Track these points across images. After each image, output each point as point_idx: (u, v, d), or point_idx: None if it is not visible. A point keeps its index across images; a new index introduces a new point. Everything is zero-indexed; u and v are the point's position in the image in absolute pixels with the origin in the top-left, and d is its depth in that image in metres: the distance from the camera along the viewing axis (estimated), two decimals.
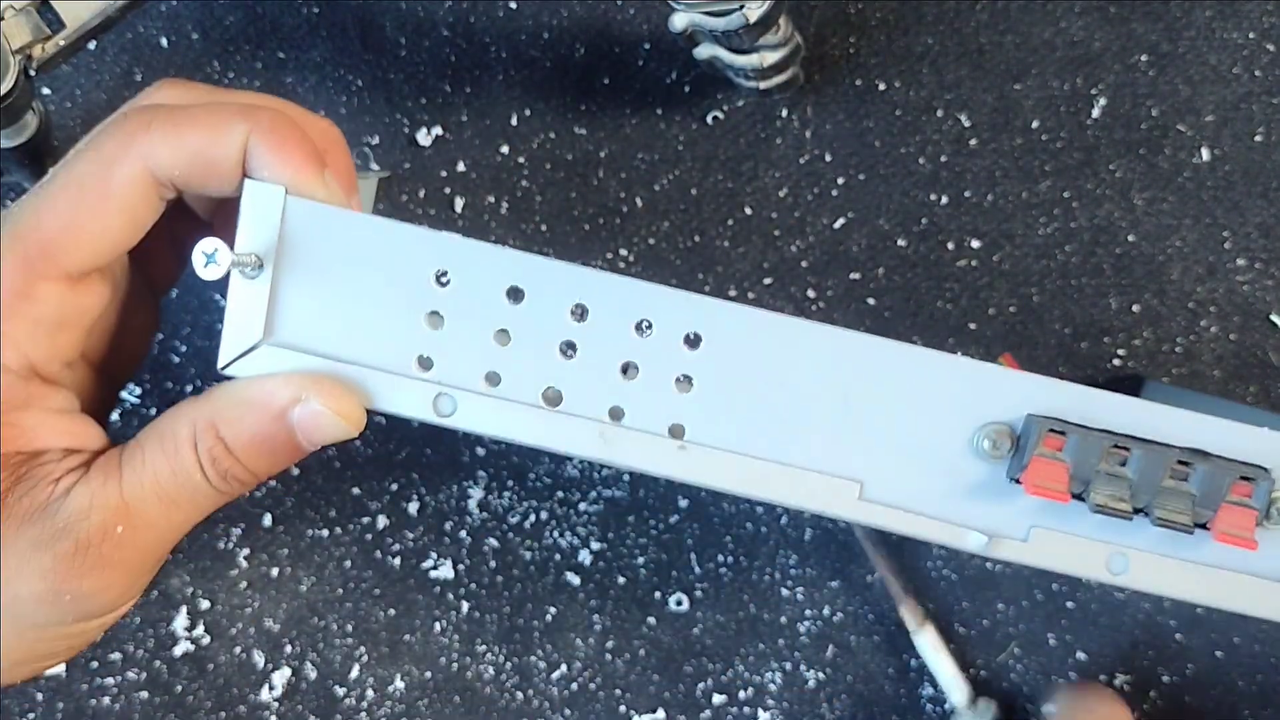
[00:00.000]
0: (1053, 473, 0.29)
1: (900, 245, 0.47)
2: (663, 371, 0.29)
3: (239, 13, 0.47)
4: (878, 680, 0.48)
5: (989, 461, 0.30)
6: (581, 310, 0.29)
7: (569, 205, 0.48)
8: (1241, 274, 0.47)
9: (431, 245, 0.29)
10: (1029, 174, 0.47)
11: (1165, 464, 0.29)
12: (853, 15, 0.46)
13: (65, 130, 0.47)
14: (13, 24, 0.37)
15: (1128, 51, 0.46)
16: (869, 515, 0.30)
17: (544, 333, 0.29)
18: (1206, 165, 0.46)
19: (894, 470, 0.30)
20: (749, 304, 0.30)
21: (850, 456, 0.30)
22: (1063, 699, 0.46)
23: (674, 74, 0.47)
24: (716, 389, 0.30)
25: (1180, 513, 0.29)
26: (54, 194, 0.28)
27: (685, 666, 0.49)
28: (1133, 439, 0.29)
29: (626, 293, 0.29)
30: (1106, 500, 0.29)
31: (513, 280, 0.29)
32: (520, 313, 0.29)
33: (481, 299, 0.29)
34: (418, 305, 0.29)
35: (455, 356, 0.30)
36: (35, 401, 0.29)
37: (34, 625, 0.29)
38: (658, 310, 0.29)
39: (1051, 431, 0.29)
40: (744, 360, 0.29)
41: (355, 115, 0.47)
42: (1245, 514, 0.29)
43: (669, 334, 0.29)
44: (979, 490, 0.30)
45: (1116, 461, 0.29)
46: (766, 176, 0.47)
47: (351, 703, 0.49)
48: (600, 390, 0.30)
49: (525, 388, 0.30)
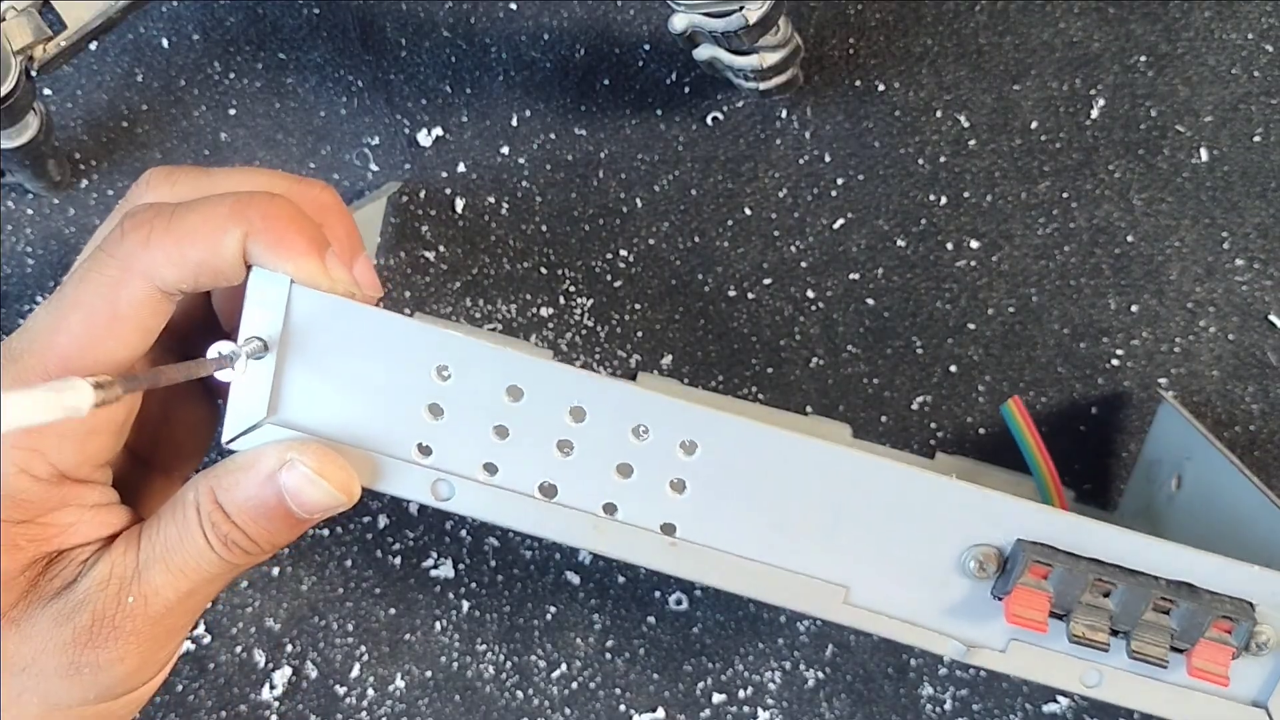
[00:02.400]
0: (1034, 603, 0.29)
1: (899, 245, 0.47)
2: (657, 474, 0.30)
3: (240, 14, 0.47)
4: (877, 680, 0.48)
5: (974, 580, 0.30)
6: (579, 412, 0.30)
7: (569, 206, 0.48)
8: (1240, 274, 0.47)
9: (433, 341, 0.29)
10: (1028, 174, 0.47)
11: (1149, 599, 0.29)
12: (852, 16, 0.46)
13: (66, 131, 0.47)
14: (14, 25, 0.37)
15: (1126, 52, 0.46)
16: (853, 619, 0.31)
17: (542, 431, 0.30)
18: (1205, 166, 0.46)
19: (880, 579, 0.31)
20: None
21: (838, 563, 0.30)
22: None
23: (674, 75, 0.47)
24: (709, 493, 0.30)
25: (1157, 645, 0.30)
26: (65, 314, 0.29)
27: (685, 665, 0.49)
28: (1119, 571, 0.29)
29: (625, 399, 0.29)
30: (1084, 632, 0.29)
31: (512, 380, 0.29)
32: (519, 410, 0.30)
33: (481, 396, 0.30)
34: (419, 397, 0.30)
35: (454, 446, 0.30)
36: (69, 500, 0.30)
37: (59, 705, 0.29)
38: (655, 418, 0.29)
39: (1037, 561, 0.29)
40: (738, 468, 0.30)
41: (356, 116, 0.48)
42: (1222, 651, 0.30)
43: (665, 440, 0.30)
44: (962, 605, 0.31)
45: (1100, 592, 0.30)
46: (766, 177, 0.47)
47: (352, 702, 0.49)
48: (595, 486, 0.30)
49: (522, 479, 0.30)
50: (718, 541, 0.30)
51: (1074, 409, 0.48)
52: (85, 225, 0.48)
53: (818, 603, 0.31)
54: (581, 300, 0.48)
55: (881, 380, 0.48)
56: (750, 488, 0.30)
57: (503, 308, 0.48)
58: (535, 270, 0.48)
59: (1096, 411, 0.48)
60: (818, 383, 0.48)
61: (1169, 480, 0.43)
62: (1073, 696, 0.48)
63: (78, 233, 0.48)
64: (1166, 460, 0.44)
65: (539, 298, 0.48)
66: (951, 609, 0.31)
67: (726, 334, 0.48)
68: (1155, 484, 0.44)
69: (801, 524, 0.30)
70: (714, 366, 0.48)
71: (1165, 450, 0.44)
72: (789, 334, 0.48)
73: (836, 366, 0.48)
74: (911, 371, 0.48)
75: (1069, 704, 0.48)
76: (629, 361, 0.48)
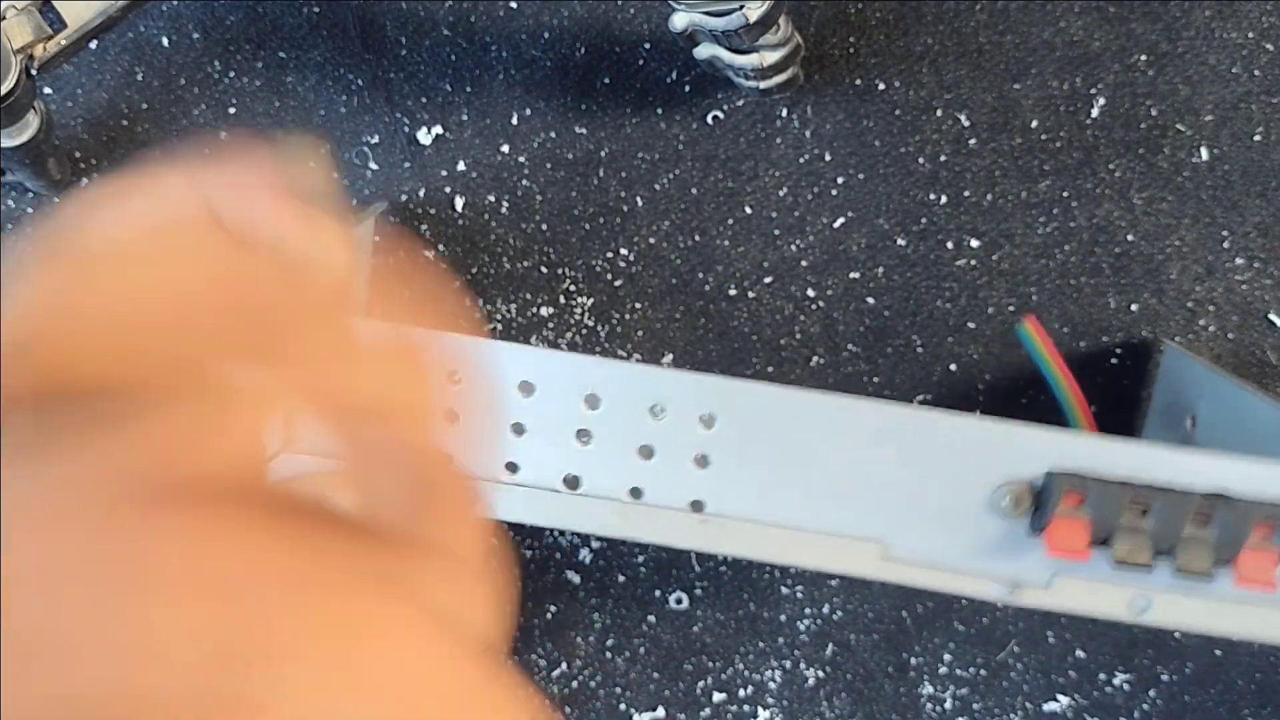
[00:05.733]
0: (1074, 532, 0.29)
1: (900, 244, 0.47)
2: (679, 452, 0.30)
3: (240, 12, 0.47)
4: (877, 679, 0.48)
5: (1010, 518, 0.30)
6: (593, 399, 0.30)
7: (569, 204, 0.48)
8: (1240, 273, 0.47)
9: (443, 346, 0.29)
10: (1028, 173, 0.47)
11: (1186, 513, 0.29)
12: (852, 15, 0.46)
13: (66, 129, 0.47)
14: (14, 24, 0.37)
15: (1127, 51, 0.46)
16: (893, 574, 0.30)
17: (558, 423, 0.30)
18: (1205, 165, 0.46)
19: (915, 529, 0.30)
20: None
21: (871, 519, 0.30)
22: None
23: (674, 74, 0.47)
24: (733, 464, 0.30)
25: (1200, 559, 0.29)
26: None
27: (685, 664, 0.49)
28: (1152, 490, 0.29)
29: (635, 379, 0.29)
30: (1127, 555, 0.29)
31: (521, 375, 0.29)
32: (533, 405, 0.30)
33: (493, 395, 0.30)
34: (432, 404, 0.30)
35: (472, 450, 0.30)
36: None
37: None
38: (668, 394, 0.29)
39: (1071, 489, 0.29)
40: (759, 435, 0.30)
41: (356, 114, 0.48)
42: (1266, 556, 0.29)
43: (683, 416, 0.30)
44: (1001, 544, 0.30)
45: (1137, 512, 0.29)
46: (766, 176, 0.47)
47: None
48: (619, 472, 0.30)
49: (544, 474, 0.30)
50: (748, 512, 0.30)
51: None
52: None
53: (856, 561, 0.30)
54: (582, 299, 0.48)
55: (882, 379, 0.48)
56: (774, 453, 0.30)
57: (503, 307, 0.48)
58: (535, 269, 0.48)
59: (1097, 410, 0.48)
60: (818, 382, 0.48)
61: (1184, 422, 0.43)
62: (1073, 695, 0.48)
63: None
64: (1178, 404, 0.43)
65: (539, 297, 0.48)
66: (991, 550, 0.30)
67: (727, 333, 0.48)
68: (1170, 430, 0.44)
69: (829, 483, 0.30)
70: (714, 365, 0.48)
71: (1175, 395, 0.44)
72: (789, 333, 0.48)
73: (836, 365, 0.48)
74: (911, 370, 0.48)
75: (1069, 703, 0.48)
76: (629, 361, 0.48)
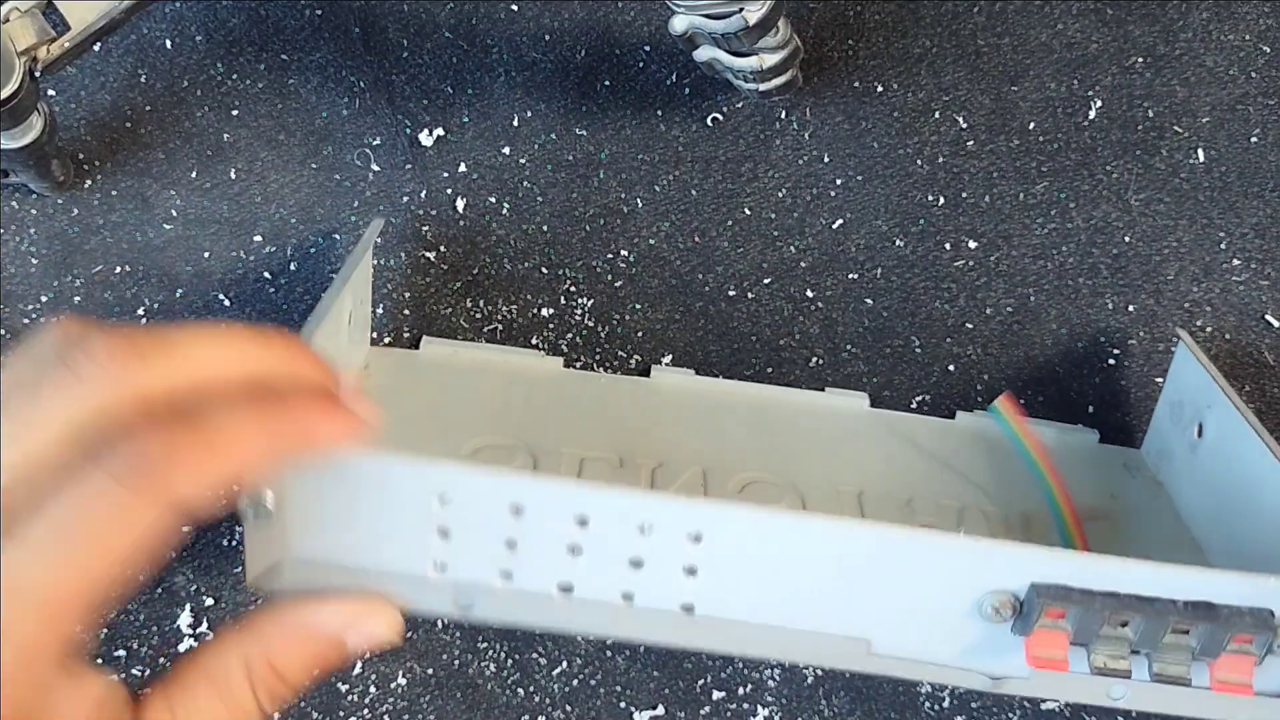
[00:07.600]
0: (1053, 643, 0.30)
1: (898, 246, 0.48)
2: (668, 564, 0.30)
3: (242, 15, 0.47)
4: (875, 677, 0.49)
5: (993, 623, 0.31)
6: (583, 519, 0.30)
7: (570, 206, 0.48)
8: (1237, 274, 0.47)
9: (429, 474, 0.30)
10: (1026, 175, 0.47)
11: (1167, 624, 0.29)
12: (851, 18, 0.47)
13: (70, 131, 0.47)
14: (18, 26, 0.37)
15: (1124, 53, 0.46)
16: (878, 667, 0.31)
17: (549, 540, 0.30)
18: (1202, 166, 0.47)
19: (900, 630, 0.31)
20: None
21: (856, 620, 0.31)
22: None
23: (674, 76, 0.47)
24: (722, 574, 0.31)
25: (1179, 665, 0.30)
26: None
27: (685, 663, 0.49)
28: (1135, 601, 0.30)
29: (622, 502, 0.30)
30: (1105, 663, 0.30)
31: (511, 499, 0.30)
32: (524, 525, 0.30)
33: (485, 516, 0.30)
34: (426, 524, 0.31)
35: (468, 562, 0.31)
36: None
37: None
38: (655, 515, 0.30)
39: (1052, 605, 0.30)
40: (747, 550, 0.30)
41: (357, 116, 0.48)
42: (1244, 660, 0.30)
43: (671, 534, 0.30)
44: (983, 643, 0.31)
45: (1118, 623, 0.30)
46: (766, 177, 0.48)
47: (354, 699, 0.49)
48: (610, 580, 0.31)
49: (538, 582, 0.31)
50: (737, 614, 0.31)
51: (1071, 408, 0.48)
52: (89, 225, 0.48)
53: (842, 657, 0.31)
54: (582, 300, 0.48)
55: (880, 380, 0.48)
56: (762, 565, 0.30)
57: (503, 308, 0.48)
58: (536, 270, 0.48)
59: (1094, 410, 0.48)
60: (817, 382, 0.48)
61: (1191, 426, 0.43)
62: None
63: (81, 233, 0.48)
64: (1188, 403, 0.43)
65: (540, 298, 0.48)
66: (974, 648, 0.31)
67: (727, 334, 0.48)
68: (1179, 425, 0.44)
69: (816, 590, 0.31)
70: (714, 366, 0.48)
71: (1185, 392, 0.44)
72: (789, 334, 0.48)
73: (836, 366, 0.48)
74: (910, 371, 0.48)
75: (1067, 702, 0.48)
76: (629, 361, 0.49)
